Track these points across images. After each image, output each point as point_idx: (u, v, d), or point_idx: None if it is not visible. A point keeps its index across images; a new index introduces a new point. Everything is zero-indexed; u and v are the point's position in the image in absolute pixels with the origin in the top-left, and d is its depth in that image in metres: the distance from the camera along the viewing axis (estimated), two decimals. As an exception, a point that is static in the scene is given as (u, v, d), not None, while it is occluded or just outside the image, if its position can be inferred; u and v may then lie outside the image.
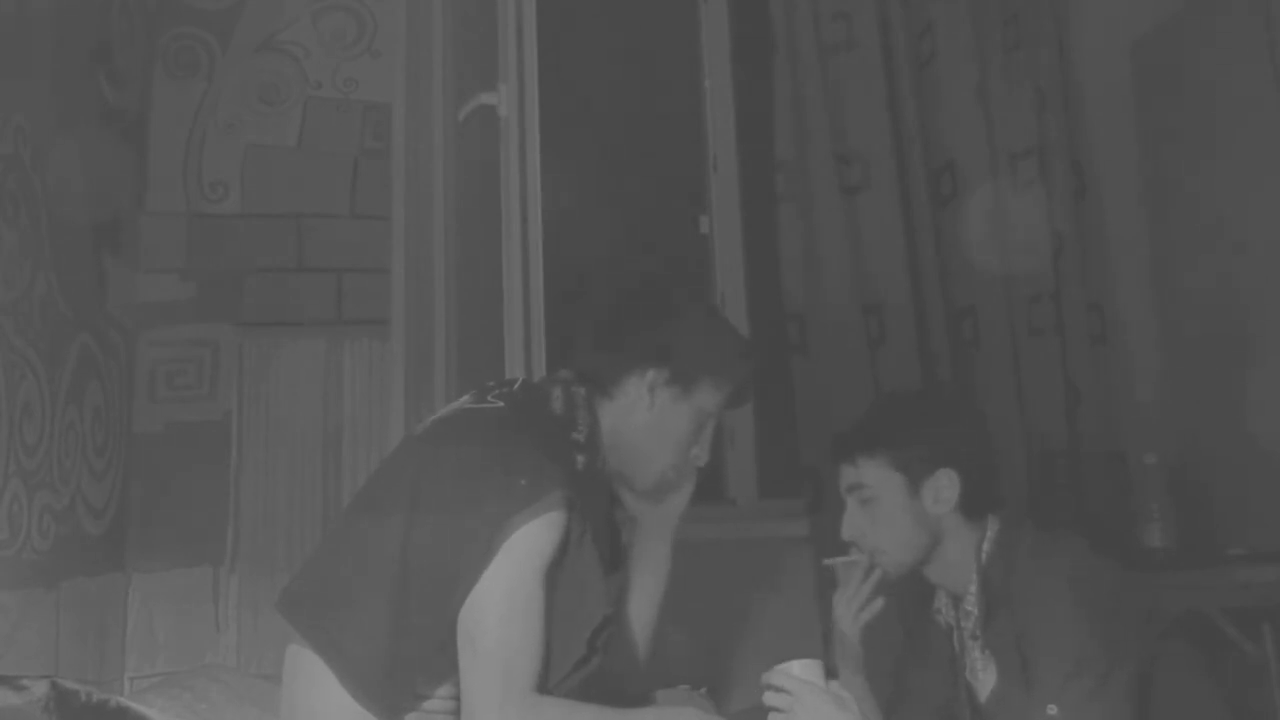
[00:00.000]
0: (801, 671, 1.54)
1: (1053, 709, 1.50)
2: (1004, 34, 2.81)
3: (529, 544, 1.46)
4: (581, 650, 1.49)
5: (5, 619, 1.79)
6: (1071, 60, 2.88)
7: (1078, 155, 2.82)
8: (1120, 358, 2.80)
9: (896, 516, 1.73)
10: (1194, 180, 2.77)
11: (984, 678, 1.71)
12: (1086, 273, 2.75)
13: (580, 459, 1.61)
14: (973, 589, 1.71)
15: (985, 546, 1.71)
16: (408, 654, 1.48)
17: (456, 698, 1.48)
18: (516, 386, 1.69)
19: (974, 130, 2.74)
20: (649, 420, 1.66)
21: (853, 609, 1.81)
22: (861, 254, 2.69)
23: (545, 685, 1.47)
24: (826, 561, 1.84)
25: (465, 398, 1.67)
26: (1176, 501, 2.53)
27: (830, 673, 1.59)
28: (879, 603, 1.80)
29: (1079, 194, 2.79)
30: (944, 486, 1.72)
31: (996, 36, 2.80)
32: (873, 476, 1.74)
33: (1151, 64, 2.92)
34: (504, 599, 1.44)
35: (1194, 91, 2.76)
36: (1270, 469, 2.45)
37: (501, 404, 1.62)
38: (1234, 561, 2.39)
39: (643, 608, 1.80)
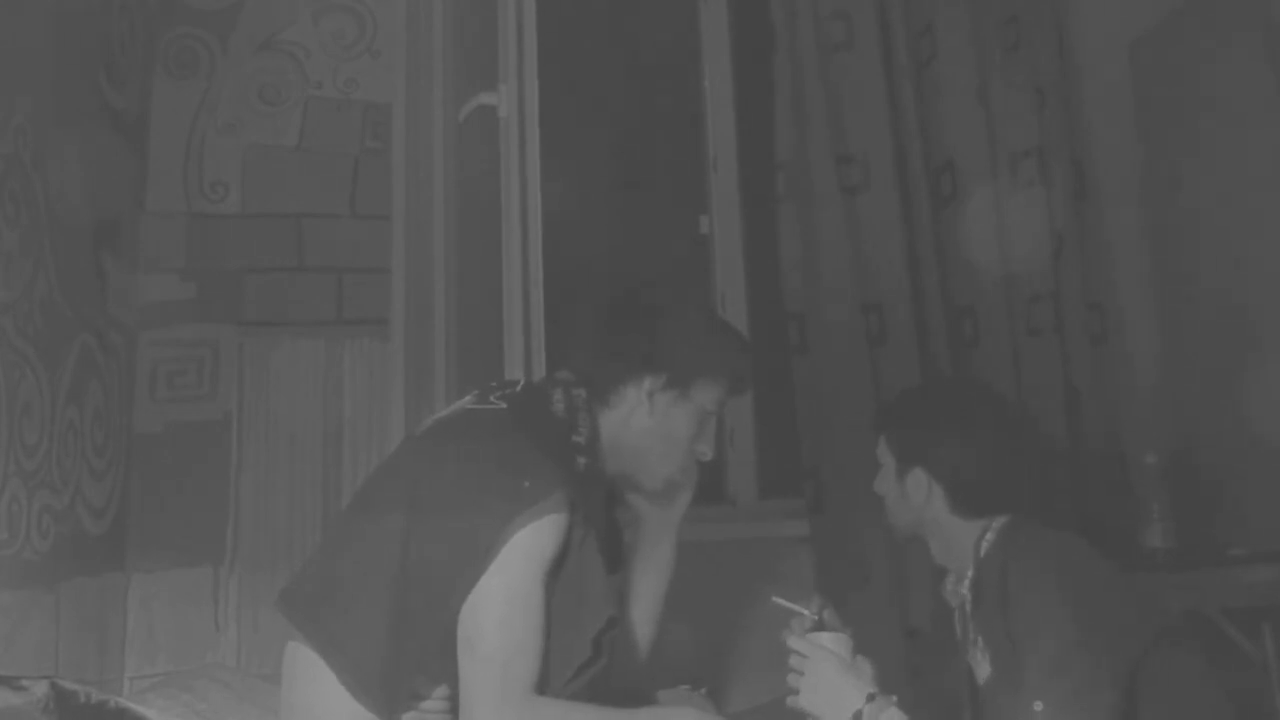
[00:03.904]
0: (830, 643, 1.58)
1: (1039, 705, 1.51)
2: (1004, 34, 2.81)
3: (530, 545, 1.46)
4: (586, 652, 1.49)
5: (5, 619, 1.79)
6: (1071, 60, 2.88)
7: (1078, 155, 2.82)
8: (1120, 358, 2.80)
9: (889, 493, 1.88)
10: (1194, 180, 2.78)
11: (982, 661, 1.73)
12: (1086, 273, 2.76)
13: (581, 460, 1.62)
14: (970, 574, 1.75)
15: (989, 536, 1.74)
16: (407, 653, 1.48)
17: (453, 698, 1.48)
18: (519, 388, 1.69)
19: (974, 130, 2.74)
20: (651, 425, 1.67)
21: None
22: (861, 254, 2.69)
23: (545, 686, 1.47)
24: (775, 599, 1.73)
25: (467, 398, 1.68)
26: (1176, 501, 2.53)
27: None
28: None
29: (1079, 194, 2.79)
30: (918, 484, 1.81)
31: (996, 36, 2.81)
32: (880, 452, 1.90)
33: (1151, 64, 2.92)
34: (504, 600, 1.45)
35: (1194, 91, 2.76)
36: (1270, 469, 2.45)
37: (504, 405, 1.63)
38: (1234, 561, 2.40)
39: (646, 607, 1.81)
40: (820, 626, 1.65)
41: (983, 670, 1.72)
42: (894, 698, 1.50)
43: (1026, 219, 2.72)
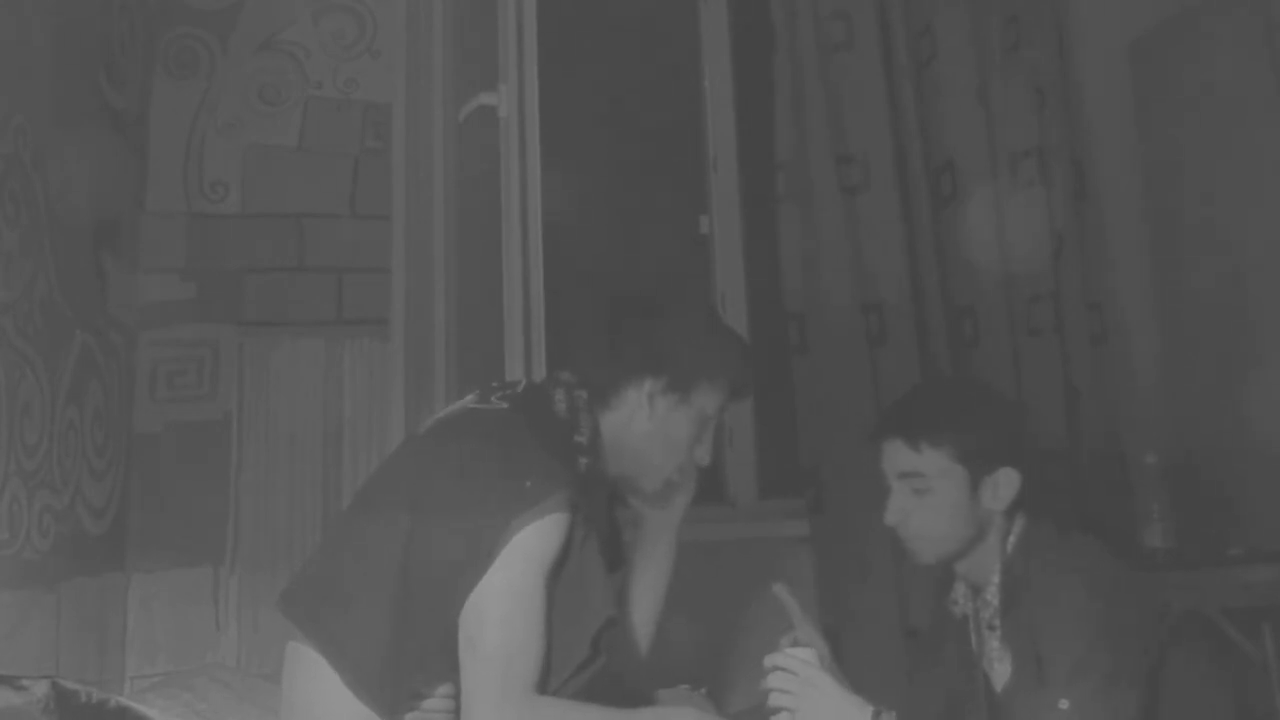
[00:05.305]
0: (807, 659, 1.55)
1: (1064, 703, 1.51)
2: (1004, 34, 2.81)
3: (532, 545, 1.46)
4: (585, 651, 1.49)
5: (5, 619, 1.79)
6: (1071, 60, 2.88)
7: (1078, 155, 2.82)
8: (1120, 358, 2.80)
9: (950, 509, 1.69)
10: (1194, 180, 2.78)
11: (1000, 668, 1.71)
12: (1086, 273, 2.76)
13: (583, 461, 1.62)
14: (995, 580, 1.71)
15: (1011, 540, 1.70)
16: (408, 653, 1.48)
17: (456, 697, 1.48)
18: (520, 388, 1.69)
19: (974, 130, 2.75)
20: (650, 428, 1.66)
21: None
22: (861, 254, 2.69)
23: (546, 686, 1.47)
24: (777, 588, 1.74)
25: (469, 398, 1.68)
26: (1176, 501, 2.53)
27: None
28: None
29: (1079, 194, 2.79)
30: (1004, 484, 1.69)
31: (996, 36, 2.81)
32: (934, 467, 1.68)
33: (1151, 64, 2.93)
34: (506, 600, 1.45)
35: (1194, 91, 2.76)
36: (1270, 469, 2.45)
37: (505, 405, 1.63)
38: (1234, 561, 2.40)
39: (645, 605, 1.81)
40: (794, 642, 1.63)
41: (1003, 675, 1.70)
42: (894, 713, 1.49)
43: (1026, 219, 2.72)
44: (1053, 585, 1.60)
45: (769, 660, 1.56)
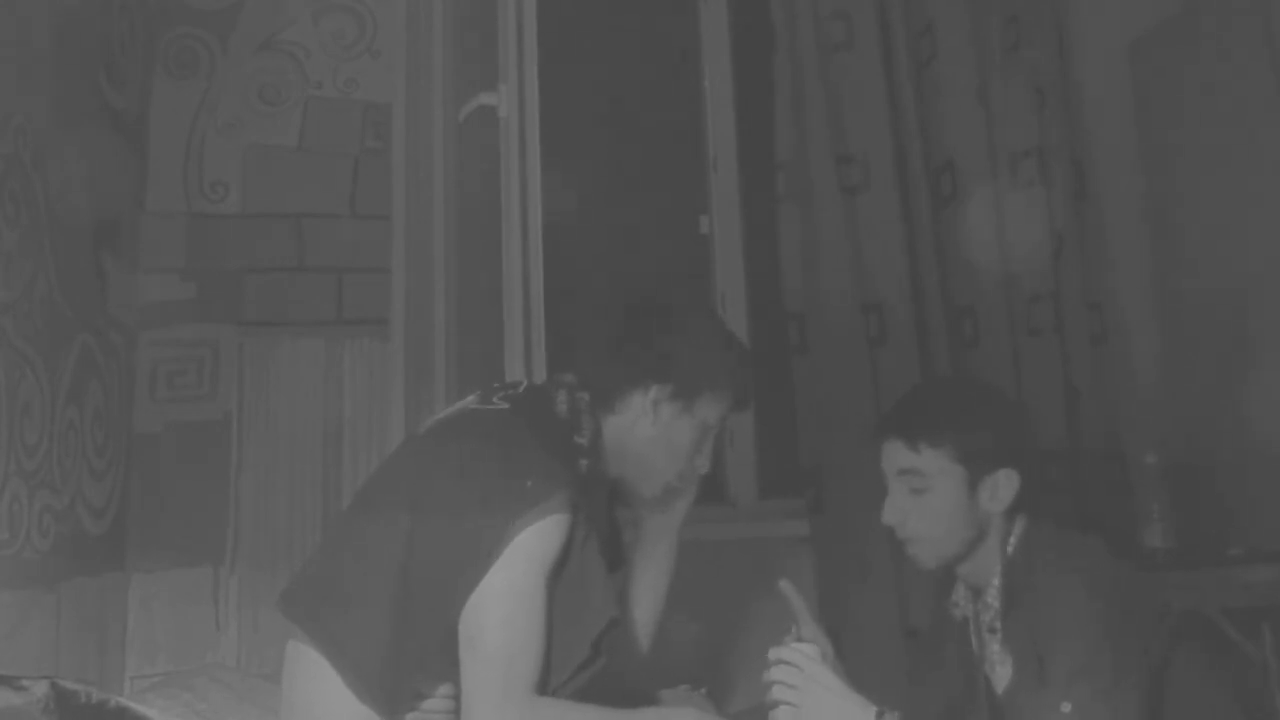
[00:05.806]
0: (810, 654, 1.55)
1: (1066, 706, 1.50)
2: (1004, 34, 2.81)
3: (533, 546, 1.46)
4: (586, 652, 1.49)
5: (5, 619, 1.79)
6: (1071, 60, 2.88)
7: (1078, 155, 2.82)
8: (1120, 358, 2.80)
9: (948, 510, 1.68)
10: (1193, 180, 2.78)
11: (1001, 670, 1.71)
12: (1086, 273, 2.75)
13: (584, 462, 1.62)
14: (996, 582, 1.70)
15: (1012, 541, 1.70)
16: (409, 653, 1.49)
17: (456, 697, 1.48)
18: (521, 389, 1.69)
19: (974, 130, 2.74)
20: (653, 434, 1.67)
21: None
22: (861, 254, 2.69)
23: (547, 686, 1.47)
24: (784, 584, 1.72)
25: (470, 398, 1.68)
26: (1176, 501, 2.53)
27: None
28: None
29: (1079, 194, 2.79)
30: (1003, 485, 1.68)
31: (996, 36, 2.81)
32: (933, 466, 1.68)
33: (1151, 64, 2.93)
34: (507, 600, 1.45)
35: (1194, 91, 2.76)
36: (1270, 469, 2.45)
37: (506, 405, 1.63)
38: (1234, 561, 2.40)
39: (646, 605, 1.81)
40: (798, 638, 1.62)
41: (1004, 677, 1.70)
42: (898, 714, 1.49)
43: (1026, 219, 2.72)
44: (1053, 586, 1.60)
45: (773, 653, 1.56)
